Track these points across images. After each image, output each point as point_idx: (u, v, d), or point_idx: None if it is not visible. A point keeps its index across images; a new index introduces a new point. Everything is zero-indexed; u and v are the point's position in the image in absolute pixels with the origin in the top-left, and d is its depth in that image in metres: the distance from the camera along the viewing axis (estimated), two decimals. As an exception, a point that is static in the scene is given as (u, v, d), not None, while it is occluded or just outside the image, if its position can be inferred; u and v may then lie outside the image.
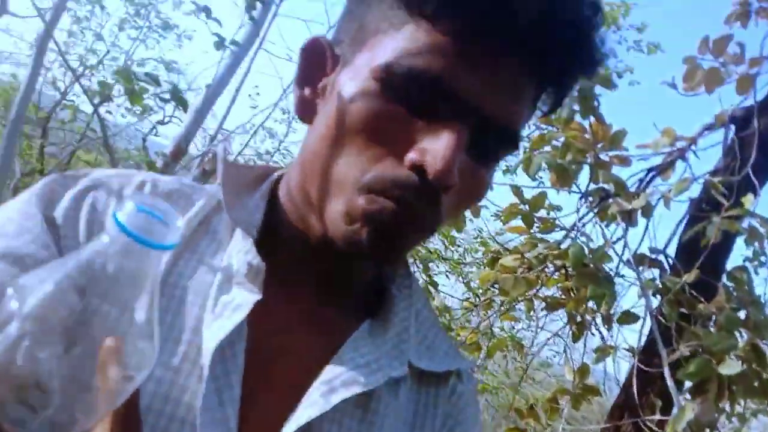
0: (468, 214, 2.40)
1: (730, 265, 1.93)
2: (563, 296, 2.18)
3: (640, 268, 1.86)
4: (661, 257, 1.95)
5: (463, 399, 0.56)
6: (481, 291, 2.87)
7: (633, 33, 4.98)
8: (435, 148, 0.43)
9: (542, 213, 2.07)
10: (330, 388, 0.46)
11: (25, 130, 4.32)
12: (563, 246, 1.97)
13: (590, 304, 2.04)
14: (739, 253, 2.03)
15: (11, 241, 0.44)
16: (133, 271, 0.34)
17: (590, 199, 1.93)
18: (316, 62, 0.51)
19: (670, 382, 1.64)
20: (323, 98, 0.50)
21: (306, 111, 0.51)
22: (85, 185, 0.51)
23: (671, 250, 2.00)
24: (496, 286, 2.19)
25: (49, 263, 0.35)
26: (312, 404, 0.45)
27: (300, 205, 0.51)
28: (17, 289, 0.42)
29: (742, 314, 1.71)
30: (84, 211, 0.49)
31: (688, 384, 1.71)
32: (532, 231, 2.09)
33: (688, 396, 1.72)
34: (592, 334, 2.20)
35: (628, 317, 1.90)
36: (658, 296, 1.86)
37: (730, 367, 1.57)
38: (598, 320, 2.11)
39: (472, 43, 0.43)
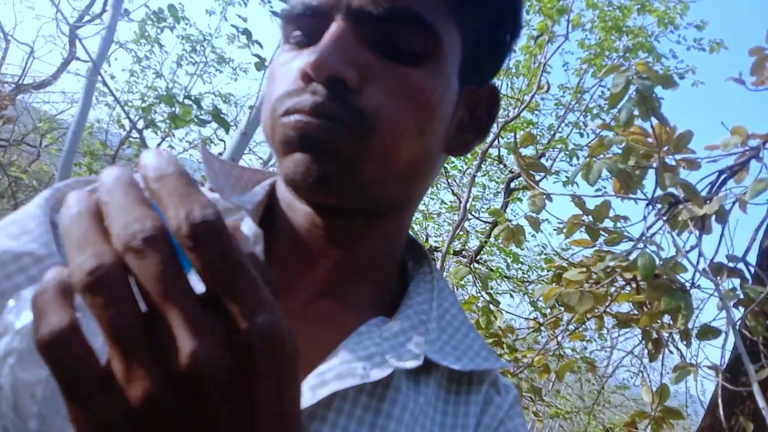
0: (529, 229, 2.32)
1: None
2: (636, 312, 2.05)
3: (718, 278, 1.72)
4: (741, 265, 1.81)
5: (502, 411, 0.53)
6: (548, 310, 2.75)
7: (693, 32, 4.79)
8: (311, 50, 0.45)
9: (608, 224, 1.97)
10: (321, 381, 0.44)
11: (94, 166, 4.56)
12: (632, 257, 1.85)
13: (666, 319, 1.91)
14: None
15: (11, 241, 0.45)
16: None
17: (658, 206, 1.81)
18: None
19: (761, 402, 1.50)
20: None
21: None
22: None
23: (752, 258, 1.86)
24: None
25: None
26: None
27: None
28: (18, 300, 0.40)
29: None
30: None
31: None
32: (597, 243, 1.99)
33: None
34: (670, 351, 2.06)
35: (708, 332, 1.75)
36: (741, 308, 1.72)
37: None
38: (676, 337, 1.97)
39: None
